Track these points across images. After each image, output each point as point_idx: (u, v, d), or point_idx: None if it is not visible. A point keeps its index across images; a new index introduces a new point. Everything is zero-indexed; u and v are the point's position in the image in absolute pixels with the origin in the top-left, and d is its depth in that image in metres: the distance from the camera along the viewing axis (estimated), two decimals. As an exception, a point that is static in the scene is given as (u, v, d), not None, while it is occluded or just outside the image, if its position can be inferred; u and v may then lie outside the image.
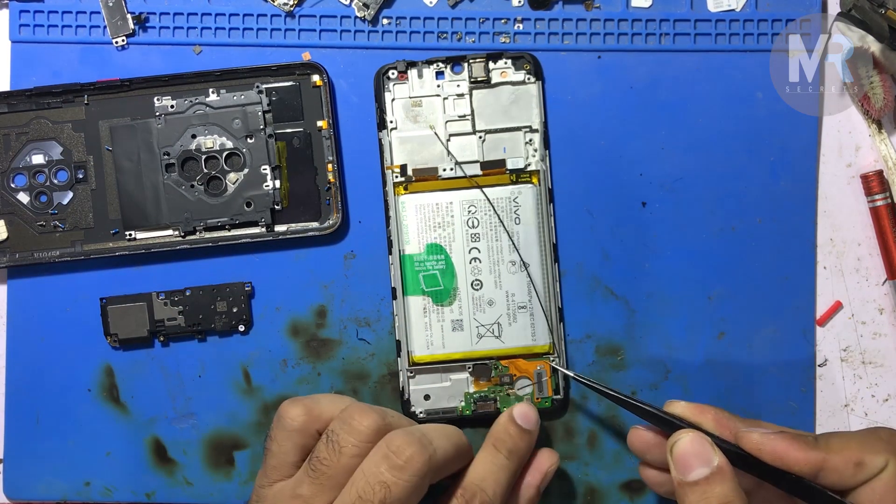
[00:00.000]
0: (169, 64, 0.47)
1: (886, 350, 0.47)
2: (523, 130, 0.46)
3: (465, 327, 0.45)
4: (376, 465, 0.36)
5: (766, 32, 0.46)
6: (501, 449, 0.41)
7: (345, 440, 0.38)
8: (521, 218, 0.45)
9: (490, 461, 0.40)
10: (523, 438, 0.41)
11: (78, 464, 0.47)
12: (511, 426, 0.41)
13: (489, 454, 0.41)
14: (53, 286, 0.47)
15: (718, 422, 0.39)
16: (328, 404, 0.40)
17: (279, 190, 0.46)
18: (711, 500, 0.36)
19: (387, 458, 0.36)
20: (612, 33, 0.46)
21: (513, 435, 0.41)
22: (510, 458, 0.40)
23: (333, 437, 0.38)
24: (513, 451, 0.41)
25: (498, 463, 0.40)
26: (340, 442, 0.38)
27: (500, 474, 0.40)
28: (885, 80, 0.46)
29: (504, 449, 0.41)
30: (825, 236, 0.47)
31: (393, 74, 0.46)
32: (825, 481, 0.37)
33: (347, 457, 0.37)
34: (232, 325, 0.46)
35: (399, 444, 0.37)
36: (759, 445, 0.37)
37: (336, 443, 0.38)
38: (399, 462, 0.36)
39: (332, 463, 0.37)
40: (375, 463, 0.37)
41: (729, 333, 0.46)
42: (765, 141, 0.46)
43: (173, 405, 0.47)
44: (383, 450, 0.37)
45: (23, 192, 0.46)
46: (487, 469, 0.40)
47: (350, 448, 0.37)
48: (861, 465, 0.36)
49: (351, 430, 0.38)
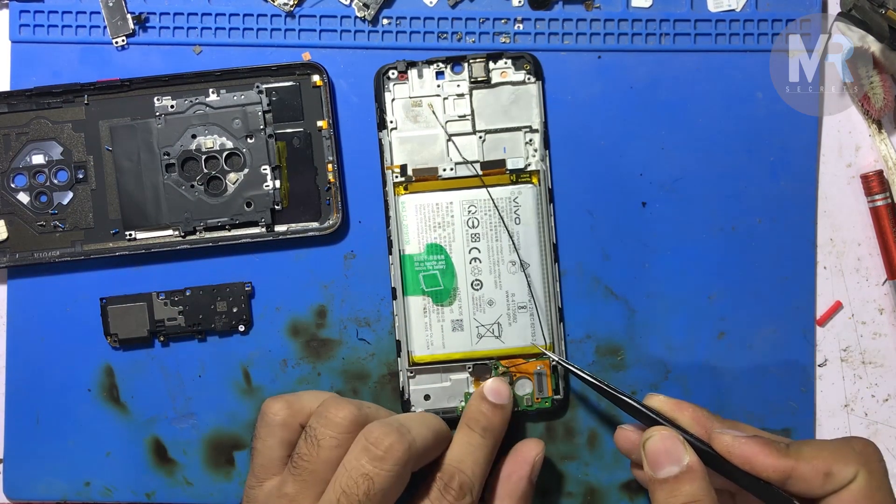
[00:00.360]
0: (169, 64, 0.47)
1: (886, 350, 0.47)
2: (523, 130, 0.46)
3: (465, 327, 0.45)
4: (357, 458, 0.37)
5: (766, 32, 0.46)
6: (475, 428, 0.41)
7: (322, 433, 0.38)
8: (521, 218, 0.45)
9: (466, 441, 0.41)
10: (496, 414, 0.41)
11: (78, 464, 0.47)
12: (483, 403, 0.41)
13: (464, 435, 0.41)
14: (53, 286, 0.47)
15: (696, 420, 0.39)
16: (310, 399, 0.41)
17: (279, 190, 0.46)
18: (679, 499, 0.36)
19: (367, 450, 0.37)
20: (612, 33, 0.46)
21: (485, 412, 0.41)
22: (485, 436, 0.41)
23: (311, 432, 0.38)
24: (487, 428, 0.41)
25: (474, 442, 0.41)
26: (318, 436, 0.38)
27: (478, 453, 0.40)
28: (885, 80, 0.46)
29: (478, 427, 0.41)
30: (825, 236, 0.47)
31: (393, 74, 0.46)
32: (794, 489, 0.37)
33: (327, 449, 0.38)
34: (232, 325, 0.46)
35: (377, 436, 0.37)
36: (729, 448, 0.37)
37: (314, 437, 0.38)
38: (379, 453, 0.36)
39: (312, 458, 0.38)
40: (356, 456, 0.37)
41: (729, 333, 0.46)
42: (765, 141, 0.46)
43: (173, 405, 0.47)
44: (362, 442, 0.37)
45: (23, 192, 0.46)
46: (464, 450, 0.40)
47: (328, 440, 0.38)
48: (830, 475, 0.36)
49: (328, 423, 0.38)
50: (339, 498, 0.36)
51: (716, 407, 0.42)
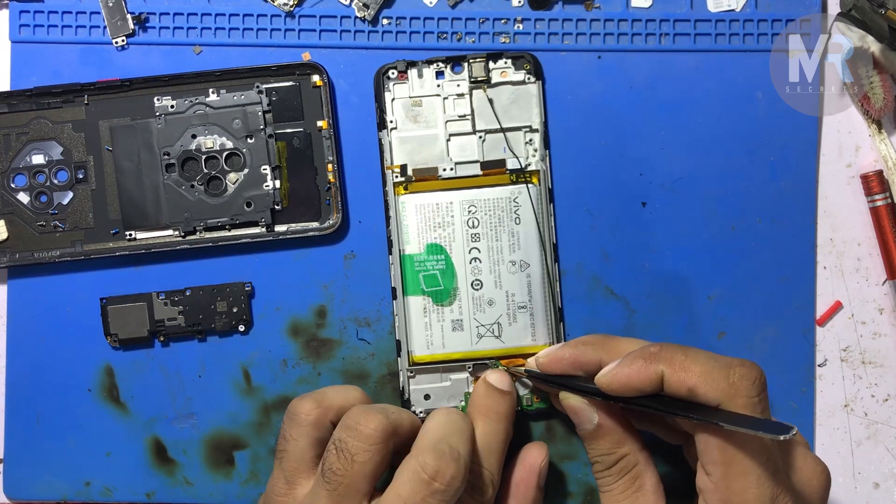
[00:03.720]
0: (169, 64, 0.47)
1: (886, 350, 0.47)
2: (523, 130, 0.46)
3: (465, 327, 0.45)
4: (417, 491, 0.36)
5: (766, 32, 0.46)
6: (491, 416, 0.41)
7: (356, 448, 0.38)
8: (521, 218, 0.45)
9: (481, 433, 0.41)
10: (506, 401, 0.42)
11: (78, 464, 0.47)
12: (491, 392, 0.42)
13: (484, 426, 0.41)
14: (53, 286, 0.47)
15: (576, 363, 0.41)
16: (335, 395, 0.41)
17: (279, 190, 0.46)
18: (594, 453, 0.40)
19: (427, 484, 0.36)
20: (612, 33, 0.46)
21: (497, 399, 0.41)
22: (500, 423, 0.41)
23: (342, 445, 0.38)
24: (501, 414, 0.41)
25: (489, 432, 0.41)
26: (351, 450, 0.37)
27: (494, 444, 0.41)
28: (885, 80, 0.46)
29: (493, 415, 0.41)
30: (825, 236, 0.47)
31: (393, 74, 0.46)
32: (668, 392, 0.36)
33: (360, 464, 0.37)
34: (232, 325, 0.46)
35: (436, 468, 0.36)
36: (609, 385, 0.37)
37: (347, 451, 0.38)
38: (441, 487, 0.36)
39: (346, 472, 0.37)
40: (415, 490, 0.36)
41: (729, 333, 0.46)
42: (765, 141, 0.46)
43: (173, 405, 0.47)
44: (421, 476, 0.36)
45: (23, 192, 0.46)
46: (481, 442, 0.40)
47: (362, 455, 0.37)
48: (693, 392, 0.35)
49: (359, 436, 0.38)
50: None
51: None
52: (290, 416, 0.40)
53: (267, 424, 0.47)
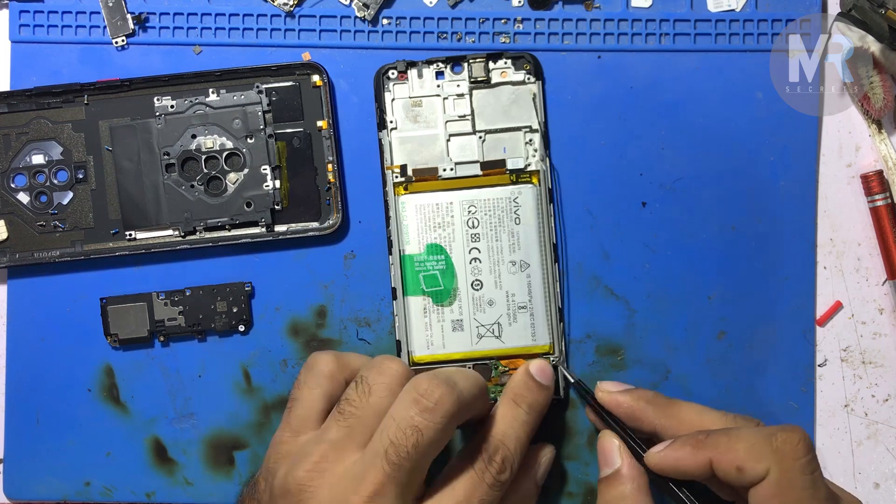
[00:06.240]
0: (169, 64, 0.47)
1: (886, 350, 0.47)
2: (523, 130, 0.46)
3: (466, 327, 0.45)
4: (406, 409, 0.36)
5: (766, 32, 0.46)
6: (522, 404, 0.41)
7: (374, 380, 0.38)
8: (521, 218, 0.45)
9: (511, 416, 0.40)
10: (542, 393, 0.41)
11: (78, 464, 0.47)
12: (530, 380, 0.41)
13: (509, 409, 0.41)
14: (53, 286, 0.47)
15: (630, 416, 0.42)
16: (355, 358, 0.42)
17: (279, 190, 0.46)
18: (606, 497, 0.40)
19: (416, 401, 0.36)
20: (612, 33, 0.46)
21: (532, 389, 0.41)
22: (530, 413, 0.41)
23: (362, 380, 0.38)
24: (532, 405, 0.41)
25: (519, 418, 0.40)
26: (370, 382, 0.38)
27: (521, 430, 0.40)
28: (885, 80, 0.46)
29: (524, 404, 0.41)
30: (825, 236, 0.47)
31: (393, 74, 0.46)
32: (720, 479, 0.37)
33: (377, 397, 0.38)
34: (232, 325, 0.46)
35: (427, 387, 0.36)
36: (657, 465, 0.39)
37: (366, 384, 0.38)
38: (429, 404, 0.36)
39: (361, 404, 0.38)
40: (405, 407, 0.36)
41: (729, 333, 0.46)
42: (765, 141, 0.46)
43: (173, 405, 0.47)
44: (412, 394, 0.37)
45: (23, 192, 0.46)
46: (508, 424, 0.40)
47: (380, 387, 0.38)
48: (742, 470, 0.36)
49: (380, 372, 0.38)
50: (386, 449, 0.36)
51: (715, 406, 0.42)
52: (308, 367, 0.41)
53: (267, 424, 0.47)
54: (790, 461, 0.36)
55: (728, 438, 0.37)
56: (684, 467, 0.38)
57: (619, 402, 0.42)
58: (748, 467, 0.36)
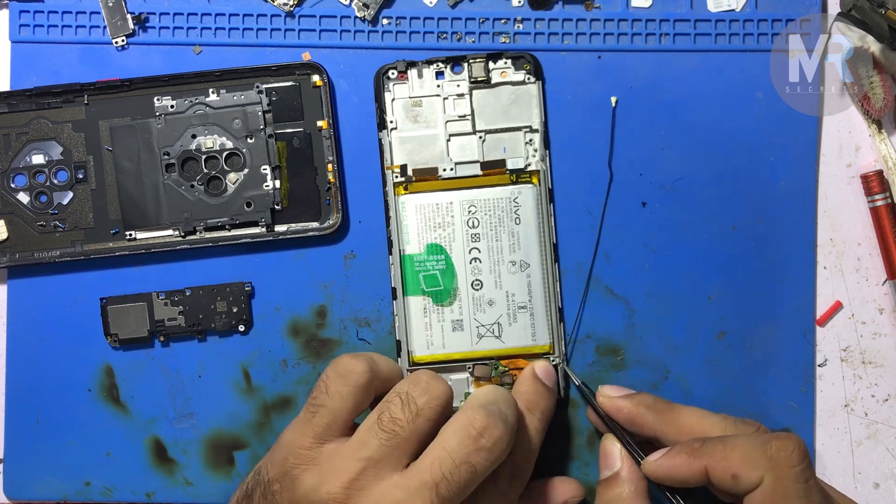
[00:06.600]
0: (169, 64, 0.47)
1: (886, 350, 0.47)
2: (523, 130, 0.46)
3: (466, 327, 0.45)
4: (463, 445, 0.36)
5: (766, 32, 0.46)
6: (535, 411, 0.41)
7: (423, 403, 0.37)
8: (521, 218, 0.45)
9: (523, 427, 0.40)
10: (552, 398, 0.42)
11: (78, 464, 0.47)
12: (540, 386, 0.42)
13: (524, 420, 0.41)
14: (53, 286, 0.47)
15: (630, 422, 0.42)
16: (386, 365, 0.41)
17: (279, 190, 0.46)
18: (604, 498, 0.40)
19: (474, 440, 0.36)
20: (612, 33, 0.46)
21: (543, 395, 0.41)
22: (542, 421, 0.41)
23: (408, 399, 0.37)
24: (544, 412, 0.41)
25: (533, 427, 0.41)
26: (419, 404, 0.37)
27: (536, 439, 0.41)
28: (885, 80, 0.46)
29: (538, 411, 0.41)
30: (825, 236, 0.47)
31: (393, 74, 0.46)
32: (716, 487, 0.38)
33: (424, 419, 0.37)
34: (232, 325, 0.46)
35: (484, 425, 0.36)
36: (653, 473, 0.39)
37: (414, 403, 0.37)
38: (487, 444, 0.36)
39: (406, 424, 0.37)
40: (462, 443, 0.36)
41: (729, 333, 0.46)
42: (765, 141, 0.46)
43: (173, 405, 0.47)
44: (469, 430, 0.36)
45: (23, 192, 0.46)
46: (527, 438, 0.40)
47: (428, 412, 0.37)
48: (737, 477, 0.36)
49: (429, 395, 0.37)
50: (438, 483, 0.35)
51: (715, 407, 0.42)
52: (340, 373, 0.39)
53: (267, 424, 0.47)
54: (784, 469, 0.36)
55: (723, 446, 0.37)
56: (680, 475, 0.38)
57: (619, 408, 0.42)
58: (743, 475, 0.36)
